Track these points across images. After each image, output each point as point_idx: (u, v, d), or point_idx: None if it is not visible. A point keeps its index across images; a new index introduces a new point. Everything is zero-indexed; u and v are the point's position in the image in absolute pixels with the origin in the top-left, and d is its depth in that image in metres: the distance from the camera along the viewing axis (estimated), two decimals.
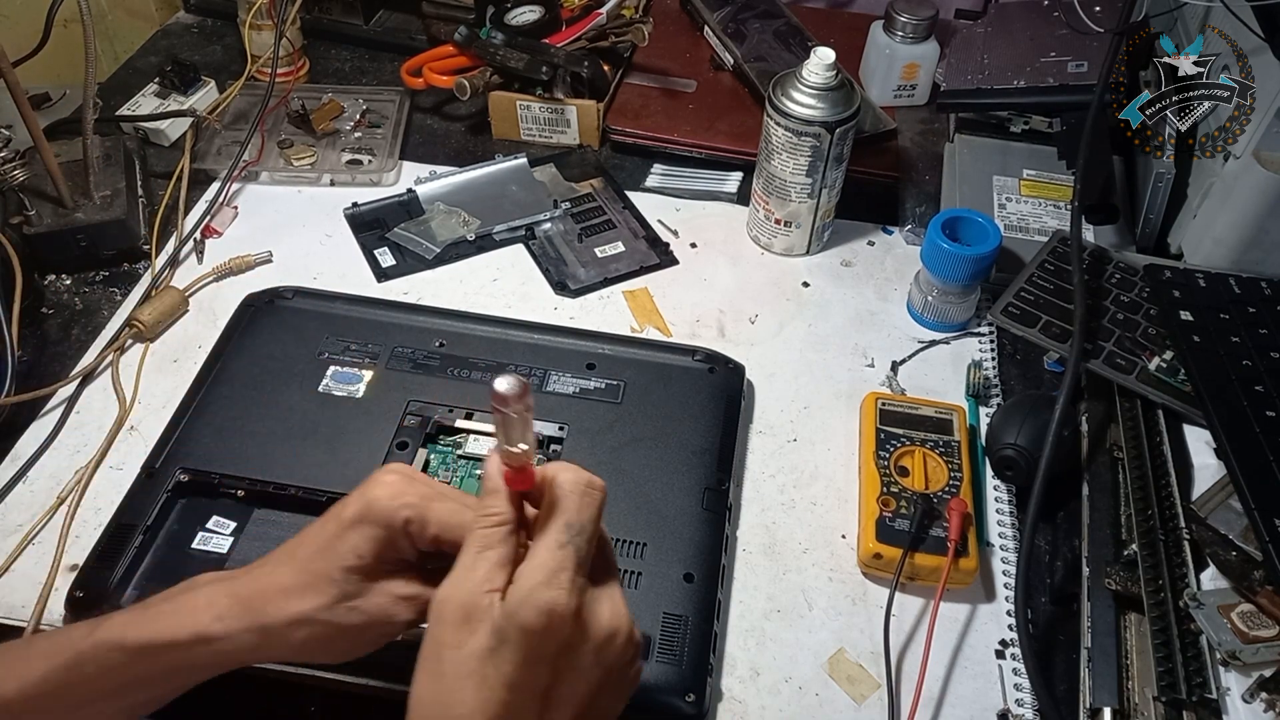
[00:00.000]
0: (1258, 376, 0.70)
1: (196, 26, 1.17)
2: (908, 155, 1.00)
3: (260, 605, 0.43)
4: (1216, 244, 0.81)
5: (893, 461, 0.68)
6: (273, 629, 0.43)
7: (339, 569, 0.43)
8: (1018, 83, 0.93)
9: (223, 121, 0.96)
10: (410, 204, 0.92)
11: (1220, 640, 0.58)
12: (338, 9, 1.12)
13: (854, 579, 0.66)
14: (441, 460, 0.69)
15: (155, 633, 0.43)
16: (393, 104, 1.01)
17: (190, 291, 0.82)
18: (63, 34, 0.85)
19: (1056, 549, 0.68)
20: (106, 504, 0.66)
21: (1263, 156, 0.77)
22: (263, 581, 0.44)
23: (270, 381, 0.71)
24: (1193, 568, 0.62)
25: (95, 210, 0.83)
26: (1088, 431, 0.73)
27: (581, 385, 0.72)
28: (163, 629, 0.43)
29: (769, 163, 0.83)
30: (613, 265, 0.87)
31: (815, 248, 0.89)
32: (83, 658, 0.44)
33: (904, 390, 0.77)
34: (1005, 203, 0.91)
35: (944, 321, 0.82)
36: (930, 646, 0.61)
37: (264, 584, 0.44)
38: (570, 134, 0.99)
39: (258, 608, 0.43)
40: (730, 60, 1.05)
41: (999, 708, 0.60)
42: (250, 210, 0.91)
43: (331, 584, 0.43)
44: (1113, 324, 0.76)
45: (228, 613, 0.43)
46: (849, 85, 0.81)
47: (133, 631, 0.44)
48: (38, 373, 0.76)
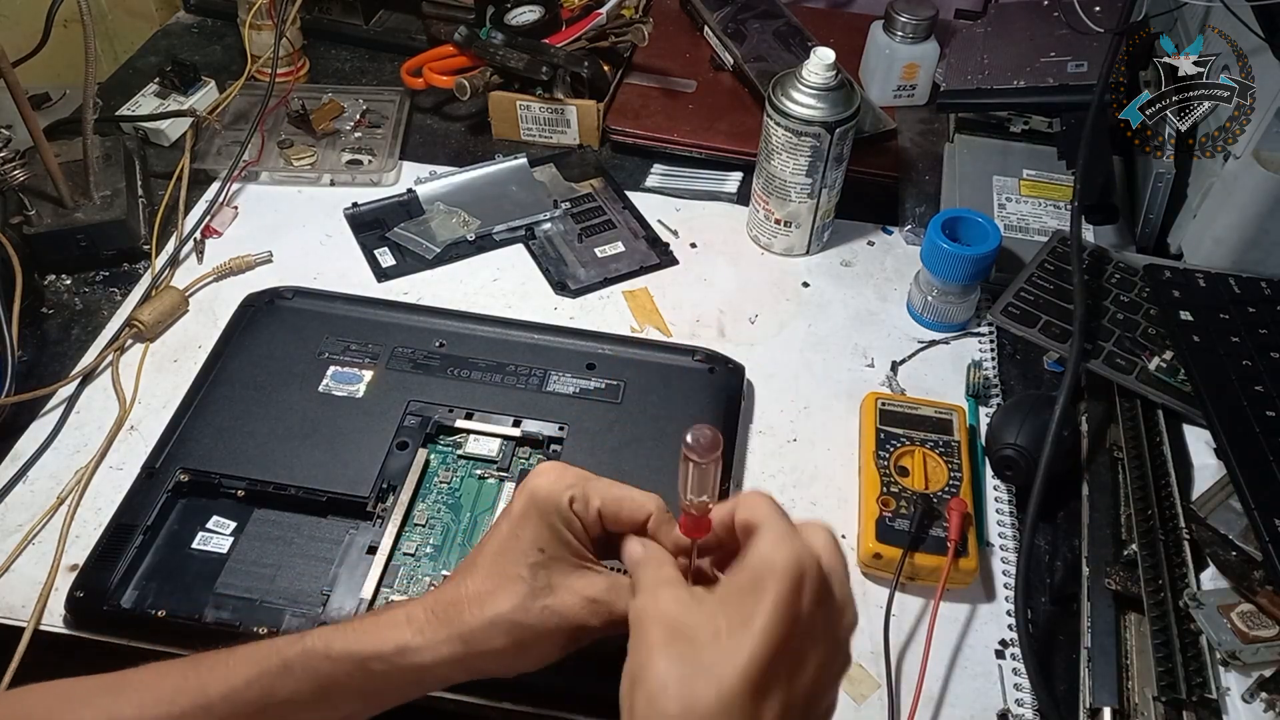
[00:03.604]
0: (1258, 376, 0.70)
1: (196, 26, 1.17)
2: (908, 155, 1.00)
3: (456, 614, 0.44)
4: (1216, 244, 0.81)
5: (893, 461, 0.68)
6: (472, 636, 0.44)
7: (525, 565, 0.45)
8: (1018, 83, 0.93)
9: (223, 121, 0.96)
10: (410, 204, 0.92)
11: (1220, 640, 0.57)
12: (338, 9, 1.12)
13: (854, 579, 0.66)
14: (442, 460, 0.69)
15: (360, 644, 0.45)
16: (393, 104, 1.01)
17: (190, 291, 0.82)
18: (63, 34, 0.85)
19: (1056, 549, 0.68)
20: (106, 504, 0.66)
21: (1263, 156, 0.77)
22: (455, 592, 0.45)
23: (270, 381, 0.71)
24: (1193, 568, 0.62)
25: (95, 210, 0.83)
26: (1088, 431, 0.73)
27: (581, 385, 0.72)
28: (367, 641, 0.45)
29: (769, 163, 0.83)
30: (613, 265, 0.87)
31: (815, 248, 0.89)
32: (289, 665, 0.45)
33: (904, 390, 0.77)
34: (1005, 203, 0.91)
35: (944, 321, 0.82)
36: (930, 646, 0.61)
37: (456, 594, 0.45)
38: (570, 134, 0.99)
39: (454, 616, 0.44)
40: (730, 60, 1.05)
41: (999, 708, 0.60)
42: (250, 210, 0.91)
43: (520, 581, 0.44)
44: (1113, 324, 0.76)
45: (427, 624, 0.44)
46: (849, 85, 0.81)
47: (339, 642, 0.45)
48: (38, 373, 0.76)
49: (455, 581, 0.46)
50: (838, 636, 0.41)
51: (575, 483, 0.46)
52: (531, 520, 0.45)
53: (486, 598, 0.44)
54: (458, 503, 0.66)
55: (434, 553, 0.63)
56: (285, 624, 0.59)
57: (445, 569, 0.63)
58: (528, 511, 0.46)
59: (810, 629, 0.38)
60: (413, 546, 0.64)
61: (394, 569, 0.62)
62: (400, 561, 0.63)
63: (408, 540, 0.64)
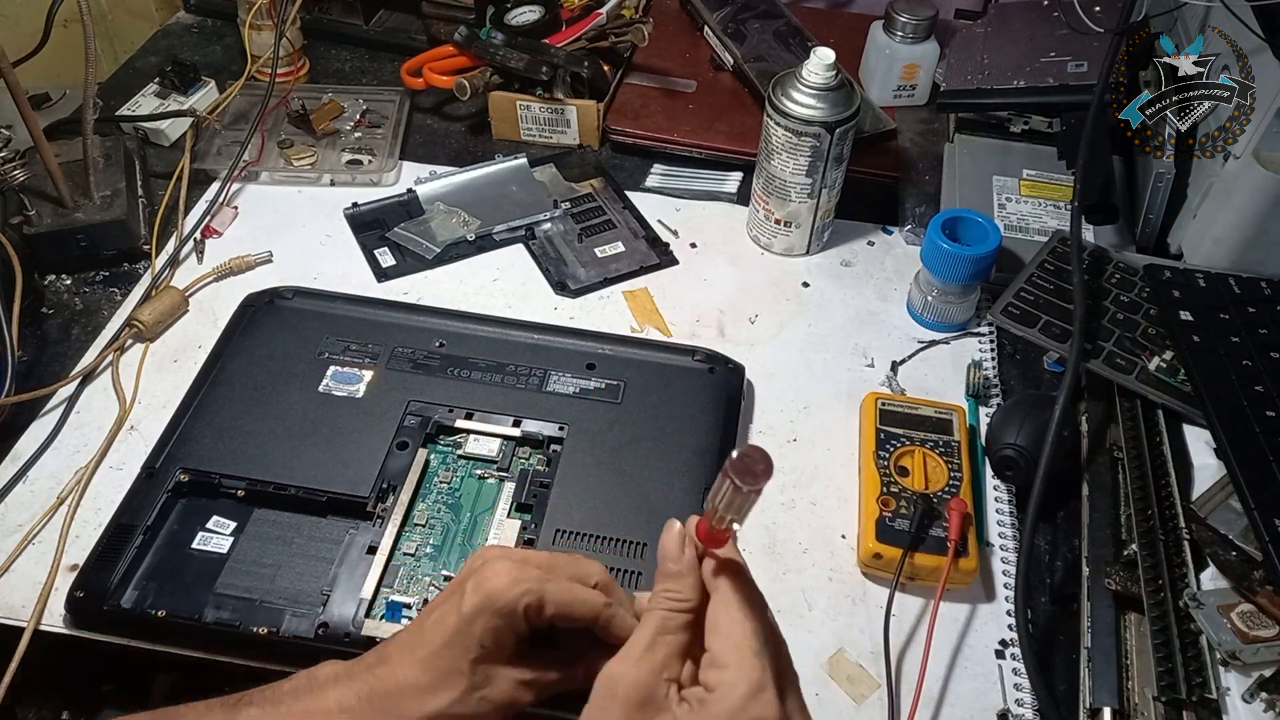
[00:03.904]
0: (1258, 376, 0.70)
1: (196, 26, 1.17)
2: (908, 155, 1.00)
3: (393, 706, 0.44)
4: (1216, 244, 0.81)
5: (893, 461, 0.68)
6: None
7: (467, 662, 0.44)
8: (1018, 83, 0.93)
9: (223, 121, 0.96)
10: (410, 204, 0.92)
11: (1220, 640, 0.57)
12: (338, 9, 1.12)
13: (854, 579, 0.66)
14: (441, 460, 0.69)
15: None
16: (393, 104, 1.01)
17: (190, 291, 0.82)
18: (63, 34, 0.86)
19: (1056, 549, 0.68)
20: (106, 504, 0.66)
21: (1263, 156, 0.77)
22: (391, 681, 0.44)
23: (270, 381, 0.71)
24: (1193, 568, 0.62)
25: (95, 210, 0.83)
26: (1088, 431, 0.73)
27: (581, 385, 0.72)
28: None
29: (769, 163, 0.83)
30: (613, 265, 0.87)
31: (815, 248, 0.89)
32: None
33: (904, 390, 0.77)
34: (1005, 203, 0.91)
35: (944, 321, 0.82)
36: (930, 646, 0.60)
37: (393, 683, 0.44)
38: (570, 134, 0.99)
39: (390, 708, 0.44)
40: (730, 60, 1.05)
41: (999, 708, 0.60)
42: (250, 210, 0.91)
43: (461, 677, 0.44)
44: (1113, 324, 0.76)
45: (362, 716, 0.44)
46: (849, 85, 0.81)
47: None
48: (38, 373, 0.76)
49: (391, 667, 0.45)
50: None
51: (532, 587, 0.44)
52: (483, 620, 0.44)
53: (426, 692, 0.44)
54: (458, 503, 0.66)
55: (434, 553, 0.63)
56: (285, 624, 0.59)
57: (445, 569, 0.63)
58: (480, 612, 0.44)
59: None
60: (413, 546, 0.63)
61: (394, 569, 0.62)
62: (400, 561, 0.63)
63: (408, 540, 0.64)
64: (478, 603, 0.44)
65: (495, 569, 0.45)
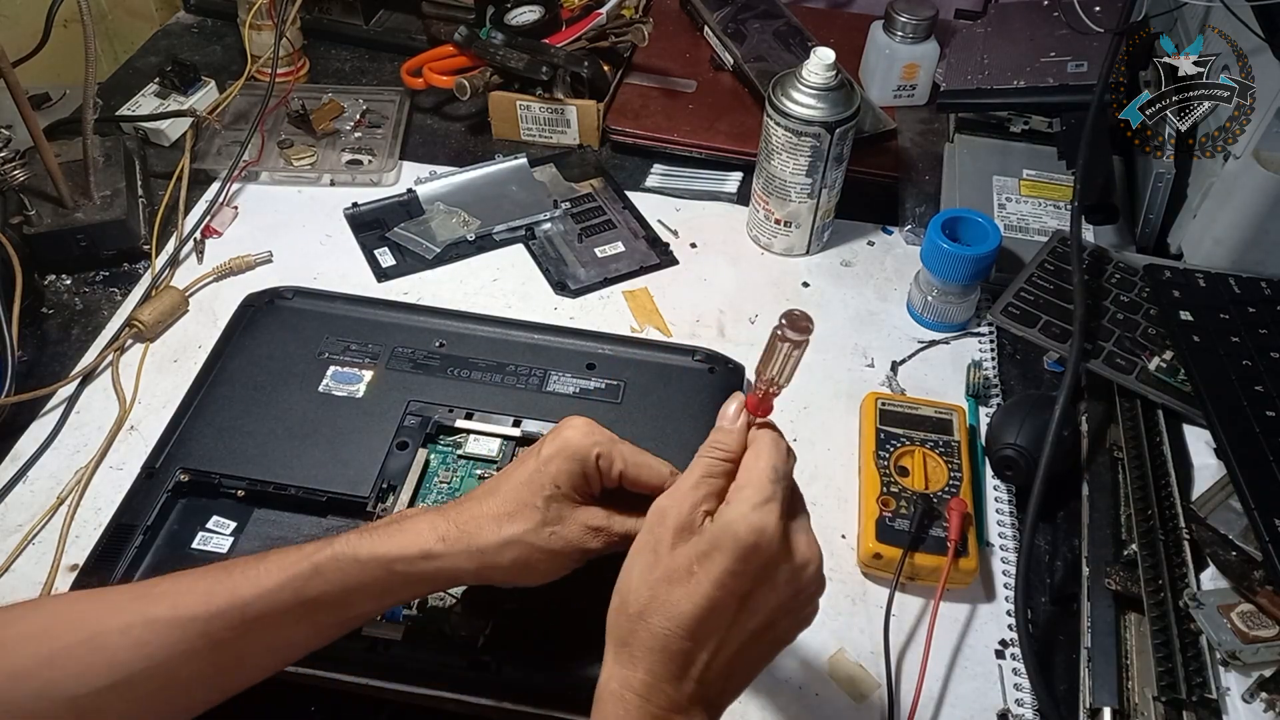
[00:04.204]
0: (1258, 376, 0.70)
1: (196, 26, 1.17)
2: (908, 155, 1.00)
3: (476, 529, 0.50)
4: (1216, 244, 0.81)
5: (893, 461, 0.68)
6: (487, 550, 0.50)
7: (541, 497, 0.50)
8: (1018, 83, 0.93)
9: (223, 121, 0.96)
10: (410, 204, 0.92)
11: (1220, 640, 0.58)
12: (338, 9, 1.12)
13: (854, 579, 0.66)
14: (442, 460, 0.69)
15: (387, 549, 0.49)
16: (393, 104, 1.01)
17: (190, 291, 0.82)
18: (63, 34, 0.86)
19: (1056, 549, 0.68)
20: (106, 504, 0.66)
21: (1263, 156, 0.77)
22: (475, 510, 0.51)
23: (270, 381, 0.71)
24: (1193, 568, 0.62)
25: (95, 210, 0.83)
26: (1088, 431, 0.73)
27: (581, 385, 0.72)
28: (393, 546, 0.49)
29: (769, 163, 0.83)
30: (613, 265, 0.87)
31: (815, 248, 0.89)
32: (319, 568, 0.48)
33: (904, 390, 0.77)
34: (1005, 203, 0.91)
35: (944, 321, 0.82)
36: (930, 646, 0.61)
37: (476, 512, 0.51)
38: (570, 134, 0.99)
39: (474, 531, 0.50)
40: (730, 60, 1.05)
41: (999, 708, 0.60)
42: (250, 210, 0.91)
43: (535, 510, 0.50)
44: (1113, 324, 0.76)
45: (449, 535, 0.50)
46: (849, 85, 0.81)
47: (365, 547, 0.49)
48: (38, 373, 0.76)
49: (476, 500, 0.51)
50: (797, 585, 0.46)
51: (604, 442, 0.51)
52: (556, 463, 0.51)
53: (504, 519, 0.50)
54: None
55: None
56: None
57: None
58: (556, 455, 0.51)
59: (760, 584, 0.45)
60: None
61: None
62: None
63: None
64: (554, 449, 0.51)
65: (573, 423, 0.52)
